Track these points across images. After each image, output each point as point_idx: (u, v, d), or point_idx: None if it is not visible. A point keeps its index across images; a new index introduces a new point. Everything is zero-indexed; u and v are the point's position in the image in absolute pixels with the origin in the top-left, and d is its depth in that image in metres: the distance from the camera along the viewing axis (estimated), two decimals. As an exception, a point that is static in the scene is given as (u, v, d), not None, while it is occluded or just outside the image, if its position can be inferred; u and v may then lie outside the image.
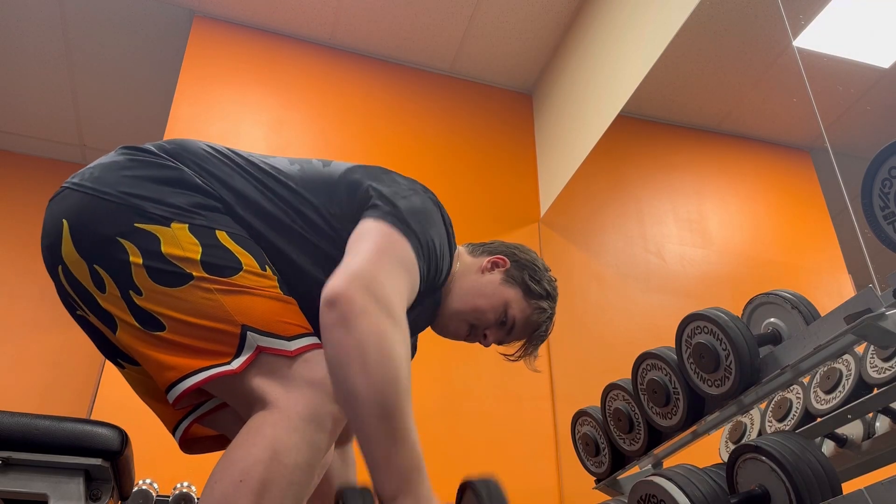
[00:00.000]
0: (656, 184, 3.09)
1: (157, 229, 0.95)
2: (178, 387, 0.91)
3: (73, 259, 0.97)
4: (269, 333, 0.94)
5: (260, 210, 1.06)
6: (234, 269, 0.96)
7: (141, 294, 0.94)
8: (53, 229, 0.99)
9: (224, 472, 0.86)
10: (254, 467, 0.84)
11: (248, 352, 0.92)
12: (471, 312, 1.24)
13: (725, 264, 2.84)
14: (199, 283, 0.94)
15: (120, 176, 1.00)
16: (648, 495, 1.16)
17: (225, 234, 0.98)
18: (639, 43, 2.67)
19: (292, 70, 3.28)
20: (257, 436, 0.87)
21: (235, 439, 0.89)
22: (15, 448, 1.11)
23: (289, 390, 0.91)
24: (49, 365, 3.46)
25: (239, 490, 0.83)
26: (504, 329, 1.28)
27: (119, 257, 0.94)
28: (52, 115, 3.73)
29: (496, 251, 1.31)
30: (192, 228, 0.97)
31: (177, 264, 0.94)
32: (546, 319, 1.30)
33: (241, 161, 1.11)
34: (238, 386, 0.92)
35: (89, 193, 0.98)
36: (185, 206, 0.99)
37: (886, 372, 1.37)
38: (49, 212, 1.02)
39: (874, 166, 1.02)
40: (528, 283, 1.27)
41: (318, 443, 0.90)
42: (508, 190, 3.33)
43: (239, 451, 0.87)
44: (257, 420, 0.89)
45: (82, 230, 0.97)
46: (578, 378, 2.82)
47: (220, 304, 0.93)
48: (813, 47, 2.11)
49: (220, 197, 1.03)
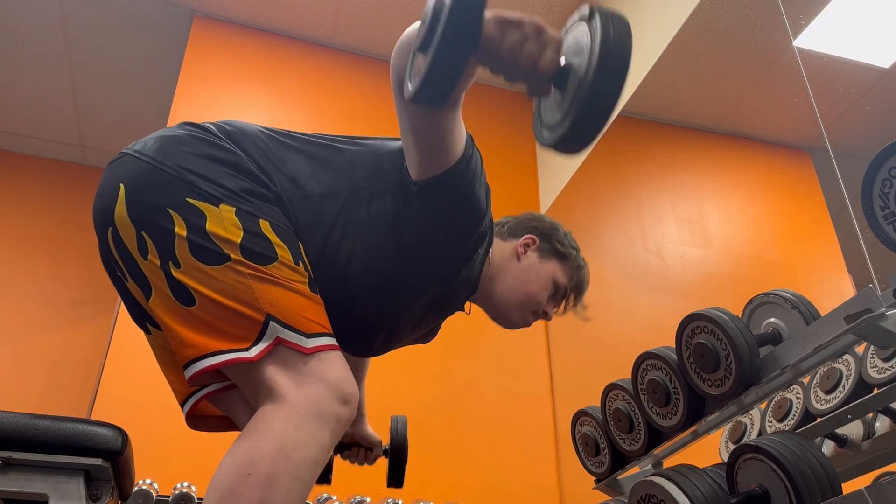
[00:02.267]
0: (656, 184, 3.09)
1: (206, 207, 0.98)
2: (195, 365, 0.93)
3: (124, 223, 0.99)
4: (291, 327, 0.95)
5: (309, 196, 1.08)
6: (270, 259, 0.97)
7: (179, 266, 0.96)
8: (110, 192, 1.01)
9: (231, 465, 0.86)
10: (261, 461, 0.85)
11: (268, 341, 0.93)
12: (528, 300, 1.30)
13: (725, 264, 2.83)
14: (235, 265, 0.95)
15: (180, 150, 1.02)
16: (648, 495, 1.16)
17: (268, 224, 1.00)
18: (639, 43, 2.67)
19: (292, 70, 3.28)
20: (266, 429, 0.88)
21: (244, 431, 0.90)
22: (15, 448, 1.11)
23: (300, 385, 0.92)
24: (49, 365, 3.46)
25: (246, 483, 0.84)
26: (557, 298, 1.35)
27: (166, 227, 0.97)
28: (52, 115, 3.73)
29: (522, 230, 1.35)
30: (239, 213, 0.99)
31: (217, 243, 0.96)
32: (586, 273, 1.38)
33: (293, 141, 1.13)
34: (252, 374, 0.94)
35: (149, 163, 1.01)
36: (235, 189, 1.01)
37: (886, 372, 1.37)
38: (107, 175, 1.05)
39: (874, 166, 1.02)
40: (559, 250, 1.34)
41: (322, 440, 0.91)
42: (508, 189, 3.33)
43: (247, 443, 0.88)
44: (266, 413, 0.90)
45: (137, 196, 0.99)
46: (578, 378, 2.82)
47: (250, 289, 0.95)
48: (813, 47, 2.11)
49: (269, 185, 1.05)
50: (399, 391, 2.65)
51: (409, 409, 2.69)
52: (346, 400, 0.94)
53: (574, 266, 1.35)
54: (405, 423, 1.55)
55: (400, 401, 2.63)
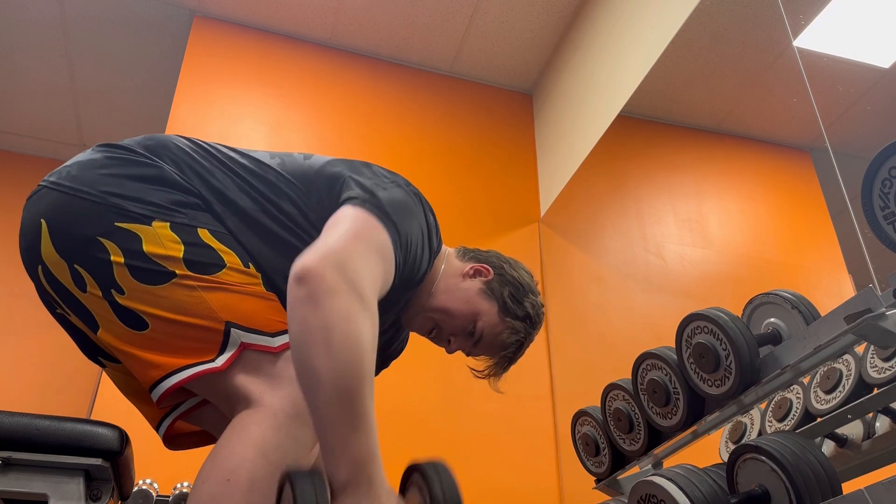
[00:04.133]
0: (656, 184, 3.09)
1: (139, 228, 0.95)
2: (162, 385, 0.91)
3: (52, 259, 0.96)
4: (253, 330, 0.93)
5: (237, 207, 1.04)
6: (218, 267, 0.95)
7: (123, 293, 0.93)
8: (32, 230, 0.98)
9: (211, 472, 0.85)
10: (241, 466, 0.84)
11: (232, 348, 0.92)
12: (438, 312, 1.20)
13: (725, 264, 2.84)
14: (182, 280, 0.93)
15: (98, 174, 0.99)
16: (648, 495, 1.16)
17: (207, 232, 0.98)
18: (639, 43, 2.67)
19: (292, 70, 3.28)
20: (243, 434, 0.87)
21: (221, 439, 0.89)
22: (15, 448, 1.11)
23: (273, 387, 0.90)
24: (49, 365, 3.46)
25: (227, 489, 0.83)
26: (470, 340, 1.23)
27: (100, 257, 0.94)
28: (52, 115, 3.73)
29: (484, 260, 1.25)
30: (174, 227, 0.96)
31: (159, 262, 0.94)
32: (516, 342, 1.23)
33: (219, 155, 1.09)
34: (222, 384, 0.92)
35: (68, 193, 0.97)
36: (165, 203, 0.98)
37: (886, 372, 1.37)
38: (27, 211, 1.01)
39: (874, 166, 1.02)
40: (506, 300, 1.21)
41: (303, 439, 0.89)
42: (508, 190, 3.33)
43: (225, 450, 0.86)
44: (243, 418, 0.89)
45: (62, 230, 0.96)
46: (578, 378, 2.82)
47: (203, 300, 0.93)
48: (813, 47, 2.11)
49: (199, 194, 1.02)
50: (399, 391, 2.65)
51: (409, 409, 2.69)
52: None
53: (508, 325, 1.21)
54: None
55: (400, 401, 2.63)
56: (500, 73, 3.55)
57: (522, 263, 1.30)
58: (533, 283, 1.27)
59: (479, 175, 3.31)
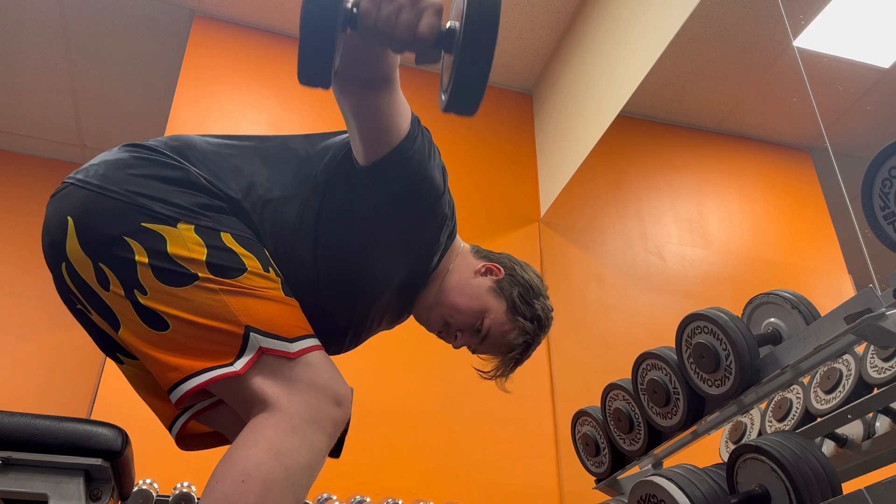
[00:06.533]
0: (656, 184, 3.09)
1: (164, 229, 0.96)
2: (181, 387, 0.91)
3: (77, 257, 0.97)
4: (272, 335, 0.94)
5: (269, 201, 1.06)
6: (239, 271, 0.96)
7: (146, 293, 0.94)
8: (57, 226, 0.98)
9: (226, 473, 0.86)
10: (256, 468, 0.85)
11: (251, 352, 0.92)
12: (448, 308, 1.21)
13: (725, 264, 2.84)
14: (204, 283, 0.94)
15: (126, 174, 0.99)
16: (648, 495, 1.16)
17: (230, 236, 0.99)
18: (639, 43, 2.67)
19: (292, 70, 3.27)
20: (259, 437, 0.87)
21: (237, 440, 0.89)
22: (15, 448, 1.11)
23: (290, 392, 0.91)
24: (48, 365, 3.46)
25: (240, 490, 0.83)
26: (477, 337, 1.23)
27: (125, 256, 0.94)
28: (52, 115, 3.73)
29: (496, 260, 1.26)
30: (198, 229, 0.97)
31: (182, 264, 0.94)
32: (522, 342, 1.23)
33: (241, 144, 1.12)
34: (240, 387, 0.92)
35: (95, 191, 0.98)
36: (190, 206, 0.99)
37: (886, 372, 1.37)
38: (52, 208, 1.01)
39: (874, 166, 1.02)
40: (515, 300, 1.21)
41: (318, 445, 0.90)
42: (508, 190, 3.33)
43: (240, 451, 0.87)
44: (259, 421, 0.89)
45: (88, 228, 0.96)
46: (578, 378, 2.82)
47: (224, 304, 0.93)
48: (813, 47, 2.11)
49: (225, 196, 1.03)
50: (399, 391, 2.65)
51: (409, 408, 2.69)
52: (339, 401, 0.94)
53: (516, 325, 1.21)
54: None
55: (400, 400, 2.63)
56: (500, 73, 3.55)
57: (533, 267, 1.32)
58: (543, 287, 1.28)
59: (479, 175, 3.31)
